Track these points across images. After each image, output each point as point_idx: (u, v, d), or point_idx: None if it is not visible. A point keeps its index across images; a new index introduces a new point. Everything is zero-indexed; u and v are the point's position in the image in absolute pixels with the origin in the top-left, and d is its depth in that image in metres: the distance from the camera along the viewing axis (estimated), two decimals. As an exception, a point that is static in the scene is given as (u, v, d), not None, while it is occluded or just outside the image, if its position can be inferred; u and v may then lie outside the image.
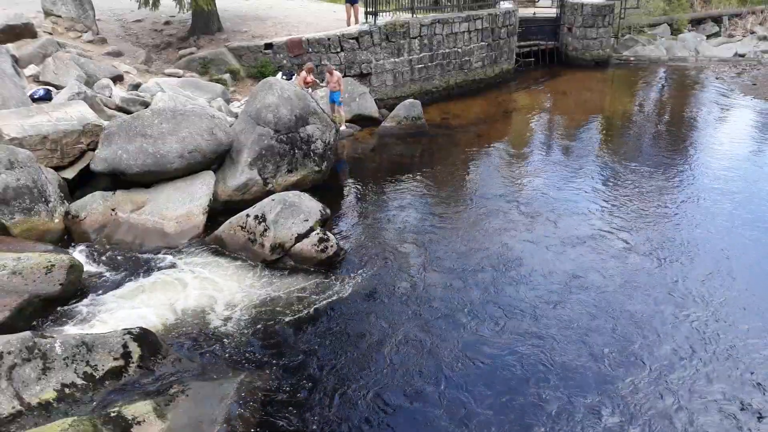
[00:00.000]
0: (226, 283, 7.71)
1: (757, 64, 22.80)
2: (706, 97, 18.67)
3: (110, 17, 17.61)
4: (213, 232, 8.75)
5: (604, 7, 22.84)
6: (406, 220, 9.90)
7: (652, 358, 6.31)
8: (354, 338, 6.69)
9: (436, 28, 17.69)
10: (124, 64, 13.83)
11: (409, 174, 11.95)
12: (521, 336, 6.69)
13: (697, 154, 13.08)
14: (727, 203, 10.19)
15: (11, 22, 12.82)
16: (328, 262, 8.13)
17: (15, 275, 6.70)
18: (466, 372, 6.12)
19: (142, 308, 7.06)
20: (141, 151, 9.01)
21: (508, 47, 20.85)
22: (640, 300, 7.37)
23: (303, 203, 8.50)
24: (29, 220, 8.21)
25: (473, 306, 7.29)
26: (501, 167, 12.63)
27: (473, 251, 8.65)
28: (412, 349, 6.49)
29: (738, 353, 6.38)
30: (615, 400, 5.74)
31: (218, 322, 6.89)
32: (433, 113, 16.34)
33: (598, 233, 9.15)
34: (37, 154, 8.73)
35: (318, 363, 6.28)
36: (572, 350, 6.44)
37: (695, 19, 28.45)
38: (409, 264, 8.31)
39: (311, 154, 10.41)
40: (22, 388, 5.11)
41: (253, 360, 6.28)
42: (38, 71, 11.95)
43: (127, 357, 5.67)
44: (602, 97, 19.84)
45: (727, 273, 7.96)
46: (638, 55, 25.19)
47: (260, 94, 10.29)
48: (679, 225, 9.43)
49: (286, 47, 15.45)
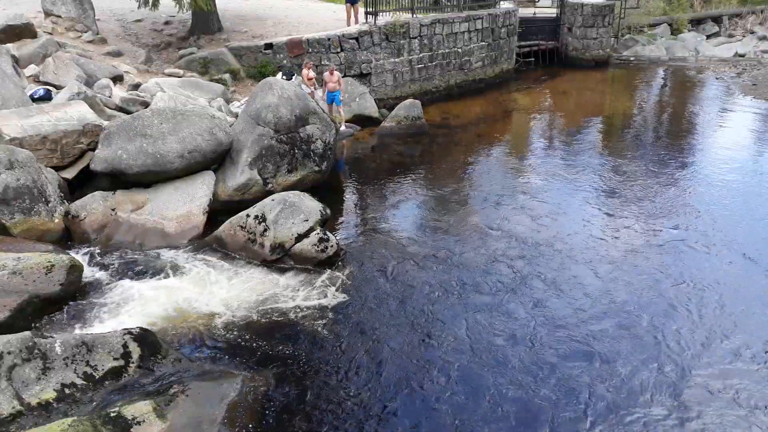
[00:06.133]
0: (226, 283, 7.71)
1: (757, 64, 22.79)
2: (706, 97, 18.67)
3: (110, 17, 17.62)
4: (213, 232, 8.75)
5: (604, 7, 22.85)
6: (406, 219, 9.90)
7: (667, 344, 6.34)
8: (354, 338, 6.69)
9: (436, 28, 17.70)
10: (124, 64, 13.84)
11: (409, 174, 11.96)
12: (521, 336, 6.69)
13: (696, 154, 13.07)
14: (727, 202, 10.20)
15: (11, 22, 12.83)
16: (328, 262, 8.13)
17: (15, 275, 6.70)
18: (466, 372, 6.12)
19: (142, 308, 7.07)
20: (141, 151, 9.02)
21: (508, 47, 20.87)
22: (644, 295, 7.39)
23: (303, 203, 8.50)
24: (29, 220, 8.21)
25: (473, 306, 7.29)
26: (501, 167, 12.63)
27: (473, 251, 8.66)
28: (412, 349, 6.49)
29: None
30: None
31: (218, 322, 6.89)
32: (433, 113, 16.35)
33: (598, 232, 9.15)
34: (37, 154, 8.74)
35: (318, 363, 6.28)
36: (574, 351, 6.45)
37: (695, 19, 28.46)
38: (410, 264, 8.30)
39: (311, 154, 10.41)
40: (22, 388, 5.11)
41: (253, 360, 6.28)
42: (38, 71, 11.95)
43: (127, 357, 5.67)
44: (602, 97, 19.84)
45: (730, 266, 7.98)
46: (638, 55, 25.20)
47: (260, 94, 10.29)
48: (679, 224, 9.43)
49: (286, 47, 15.46)
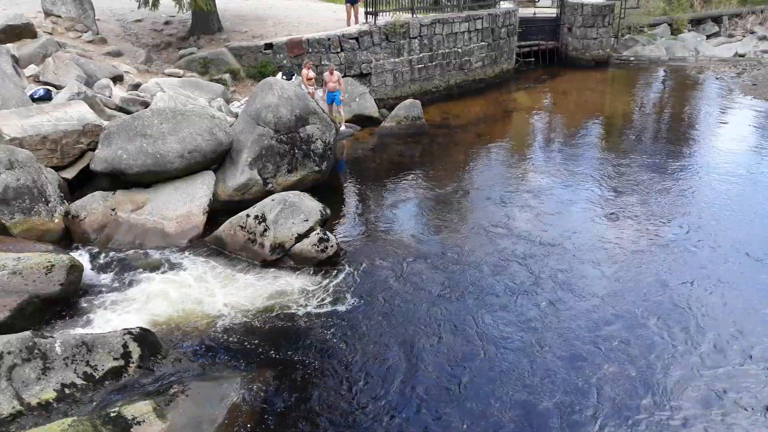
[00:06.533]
0: (226, 283, 7.72)
1: (757, 64, 22.78)
2: (706, 97, 18.66)
3: (110, 17, 17.62)
4: (213, 232, 8.75)
5: (604, 7, 22.84)
6: (406, 219, 9.90)
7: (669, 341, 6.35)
8: (354, 339, 6.70)
9: (436, 28, 17.70)
10: (124, 64, 13.84)
11: (409, 174, 11.96)
12: (520, 335, 6.69)
13: (696, 154, 13.05)
14: (729, 202, 10.19)
15: (11, 22, 12.83)
16: (328, 262, 8.13)
17: (15, 275, 6.70)
18: (466, 371, 6.12)
19: (142, 308, 7.07)
20: (141, 151, 9.02)
21: (508, 47, 20.87)
22: (650, 295, 7.40)
23: (303, 203, 8.50)
24: (29, 220, 8.21)
25: (474, 305, 7.29)
26: (501, 167, 12.63)
27: (474, 250, 8.65)
28: (412, 349, 6.49)
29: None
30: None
31: (218, 322, 6.90)
32: (433, 113, 16.35)
33: (601, 232, 9.15)
34: (37, 154, 8.74)
35: (318, 363, 6.28)
36: (579, 351, 6.45)
37: (695, 19, 28.45)
38: (410, 264, 8.30)
39: (311, 154, 10.41)
40: (22, 388, 5.11)
41: (253, 360, 6.29)
42: (38, 71, 11.95)
43: (127, 357, 5.68)
44: (602, 97, 19.83)
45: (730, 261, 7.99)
46: (638, 55, 25.19)
47: (260, 94, 10.29)
48: (682, 223, 9.43)
49: (286, 47, 15.46)
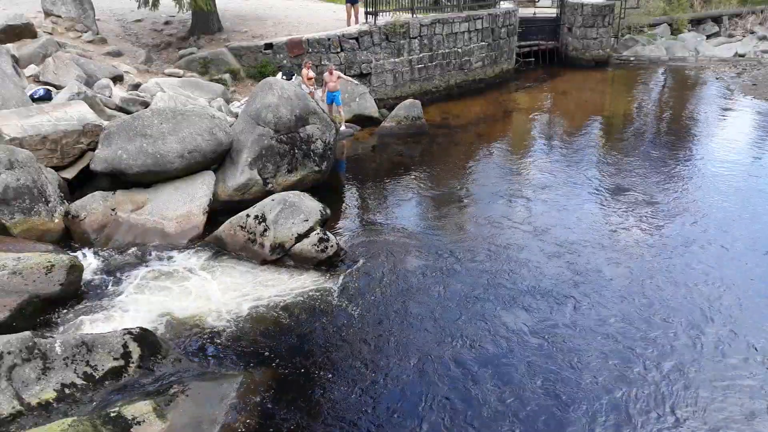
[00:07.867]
0: (225, 283, 7.71)
1: (757, 64, 22.78)
2: (706, 97, 18.66)
3: (110, 17, 17.62)
4: (213, 232, 8.74)
5: (604, 7, 22.84)
6: (406, 219, 9.90)
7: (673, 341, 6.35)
8: (353, 338, 6.69)
9: (436, 28, 17.70)
10: (124, 64, 13.83)
11: (409, 174, 11.96)
12: (520, 335, 6.69)
13: (696, 154, 13.05)
14: (731, 202, 10.19)
15: (11, 22, 12.83)
16: (328, 262, 8.12)
17: (15, 275, 6.70)
18: (467, 371, 6.12)
19: (142, 308, 7.07)
20: (141, 151, 9.02)
21: (508, 47, 20.86)
22: (660, 294, 7.40)
23: (303, 203, 8.49)
24: (29, 220, 8.21)
25: (474, 306, 7.28)
26: (501, 167, 12.63)
27: (474, 250, 8.65)
28: (412, 348, 6.49)
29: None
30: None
31: (218, 322, 6.89)
32: (433, 113, 16.35)
33: (604, 231, 9.15)
34: (37, 154, 8.73)
35: (318, 363, 6.28)
36: (577, 354, 6.45)
37: (695, 19, 28.44)
38: (409, 264, 8.30)
39: (311, 154, 10.41)
40: (22, 388, 5.11)
41: (253, 360, 6.29)
42: (38, 71, 11.95)
43: (127, 357, 5.67)
44: (602, 97, 19.83)
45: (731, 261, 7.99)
46: (638, 55, 25.19)
47: (260, 94, 10.29)
48: (677, 221, 9.43)
49: (286, 47, 15.46)
